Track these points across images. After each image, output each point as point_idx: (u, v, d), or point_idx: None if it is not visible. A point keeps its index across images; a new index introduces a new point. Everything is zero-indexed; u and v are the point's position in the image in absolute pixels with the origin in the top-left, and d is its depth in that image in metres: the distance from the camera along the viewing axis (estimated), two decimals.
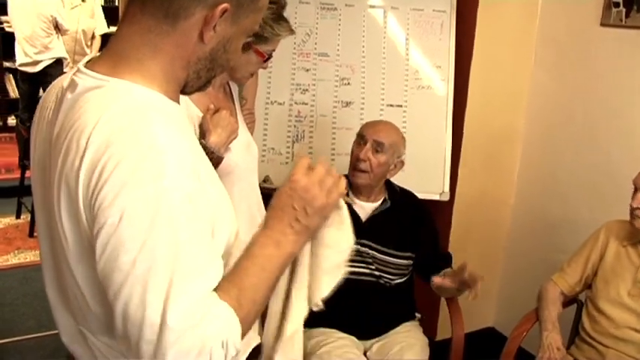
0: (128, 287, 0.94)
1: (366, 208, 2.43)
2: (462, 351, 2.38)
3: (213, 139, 1.78)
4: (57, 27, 5.43)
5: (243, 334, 1.04)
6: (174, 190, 0.96)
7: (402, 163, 2.44)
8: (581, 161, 2.98)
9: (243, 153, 1.94)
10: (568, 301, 2.44)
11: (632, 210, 2.22)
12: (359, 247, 2.39)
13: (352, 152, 2.40)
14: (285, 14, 1.89)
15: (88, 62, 1.11)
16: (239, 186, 1.92)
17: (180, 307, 0.94)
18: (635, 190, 2.22)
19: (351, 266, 2.33)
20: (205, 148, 1.75)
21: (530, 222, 3.27)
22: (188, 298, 0.95)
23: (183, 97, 1.69)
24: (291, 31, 1.91)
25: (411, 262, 2.45)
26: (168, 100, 1.08)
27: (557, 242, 3.08)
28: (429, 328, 2.30)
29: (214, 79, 1.20)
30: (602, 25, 2.82)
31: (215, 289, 1.01)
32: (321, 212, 1.16)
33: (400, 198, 2.47)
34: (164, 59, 1.07)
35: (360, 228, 2.37)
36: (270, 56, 1.91)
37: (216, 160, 1.78)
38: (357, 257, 2.39)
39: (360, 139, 2.38)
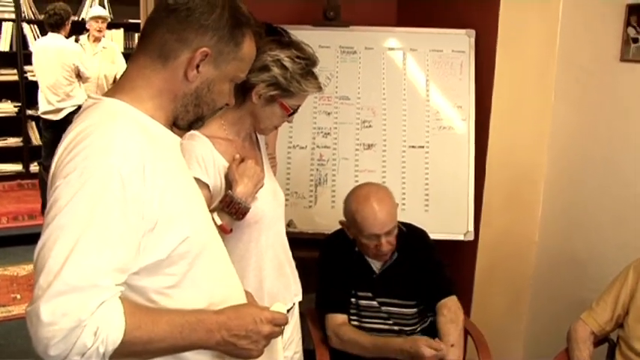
0: (46, 235, 1.11)
1: (376, 263, 2.42)
2: None
3: (240, 190, 1.79)
4: (78, 75, 5.54)
5: (122, 353, 1.13)
6: (111, 168, 1.13)
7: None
8: (606, 197, 2.96)
9: (270, 201, 1.95)
10: (599, 340, 2.39)
11: None
12: (374, 303, 2.39)
13: (366, 244, 2.32)
14: None
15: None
16: (266, 234, 1.94)
17: (76, 267, 1.08)
18: None
19: (370, 323, 2.36)
20: (232, 198, 1.77)
21: (555, 260, 3.23)
22: (86, 262, 1.09)
23: (209, 148, 1.75)
24: (319, 89, 1.92)
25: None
26: (149, 118, 1.27)
27: (585, 280, 3.04)
28: None
29: (205, 116, 1.39)
30: (622, 60, 2.82)
31: (125, 299, 1.15)
32: (242, 350, 1.32)
33: (407, 242, 2.42)
34: (154, 89, 1.29)
35: (373, 285, 2.39)
36: (295, 111, 1.92)
37: (243, 210, 1.80)
38: (374, 314, 2.40)
39: (375, 238, 2.28)
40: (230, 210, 1.78)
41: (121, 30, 6.78)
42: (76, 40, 5.91)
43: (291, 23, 2.38)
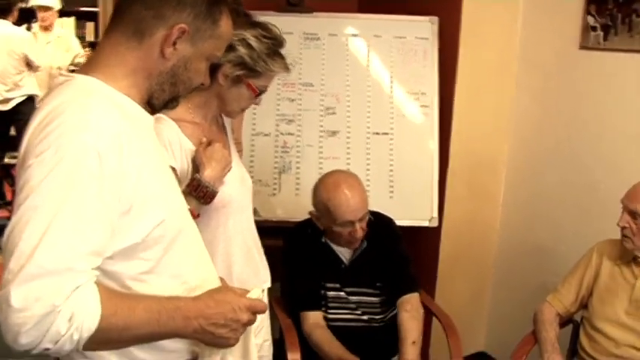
0: (17, 216, 1.05)
1: (345, 253, 2.40)
2: None
3: (208, 173, 1.75)
4: (28, 64, 5.37)
5: (96, 341, 1.08)
6: (87, 145, 1.08)
7: None
8: (566, 183, 3.01)
9: (238, 186, 1.92)
10: (564, 321, 2.43)
11: (621, 230, 2.23)
12: (342, 294, 2.37)
13: (338, 232, 2.29)
14: None
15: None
16: (234, 219, 1.90)
17: (51, 249, 1.03)
18: (624, 211, 2.23)
19: (338, 314, 2.35)
20: (200, 182, 1.73)
21: (517, 246, 3.27)
22: (60, 244, 1.04)
23: (176, 131, 1.70)
24: (287, 69, 1.88)
25: None
26: (124, 97, 1.23)
27: (546, 265, 3.09)
28: (421, 355, 2.28)
29: (180, 96, 1.35)
30: (582, 48, 2.87)
31: (100, 284, 1.10)
32: (220, 339, 1.27)
33: (375, 230, 2.39)
34: (128, 67, 1.24)
35: (341, 275, 2.37)
36: (262, 92, 1.88)
37: (211, 194, 1.75)
38: (342, 305, 2.37)
39: (349, 224, 2.26)
40: (197, 194, 1.73)
41: (73, 18, 6.60)
42: (28, 29, 5.72)
43: (254, 9, 2.34)
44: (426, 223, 2.96)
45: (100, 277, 1.13)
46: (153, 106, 1.32)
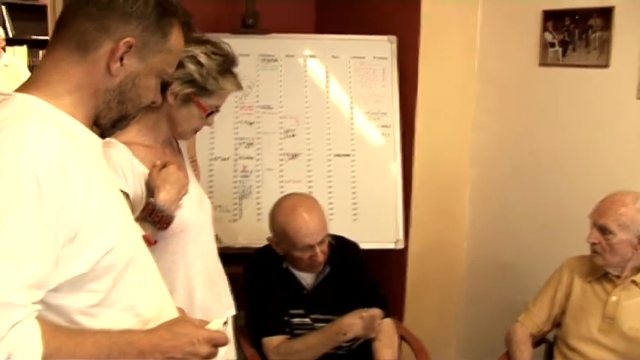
0: None
1: (307, 279, 2.32)
2: None
3: (162, 197, 1.65)
4: None
5: None
6: (25, 168, 0.99)
7: None
8: (531, 200, 2.98)
9: (196, 209, 1.82)
10: (537, 341, 2.37)
11: (591, 246, 2.19)
12: (307, 320, 2.28)
13: (299, 257, 2.21)
14: None
15: None
16: (193, 244, 1.80)
17: None
18: (592, 226, 2.20)
19: None
20: (155, 206, 1.63)
21: (485, 265, 3.22)
22: None
23: (127, 155, 1.60)
24: (239, 87, 1.80)
25: None
26: (67, 116, 1.13)
27: (515, 284, 3.04)
28: None
29: (129, 115, 1.26)
30: (541, 64, 2.86)
31: (43, 319, 1.00)
32: None
33: (338, 254, 2.32)
34: (71, 84, 1.14)
35: (305, 301, 2.28)
36: (212, 112, 1.79)
37: (167, 219, 1.66)
38: (308, 331, 2.28)
39: (309, 249, 2.18)
40: (153, 219, 1.63)
41: (25, 47, 6.44)
42: None
43: (208, 31, 2.26)
44: (391, 246, 2.89)
45: (44, 312, 1.03)
46: (100, 126, 1.23)
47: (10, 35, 6.08)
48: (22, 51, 6.42)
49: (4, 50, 5.80)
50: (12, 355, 0.93)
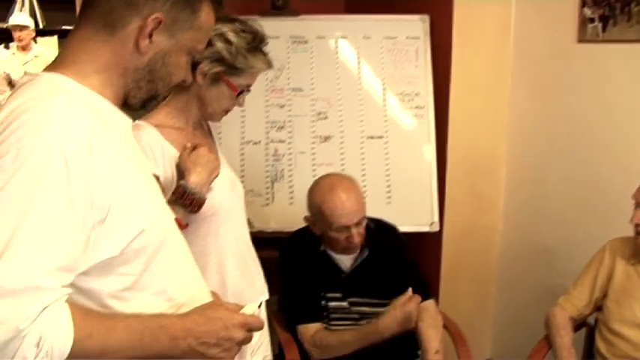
0: None
1: (345, 262, 2.28)
2: None
3: (194, 179, 1.63)
4: (11, 83, 5.24)
5: None
6: (53, 148, 0.96)
7: None
8: (569, 181, 2.90)
9: (228, 192, 1.80)
10: (577, 325, 2.31)
11: (635, 227, 2.12)
12: (344, 304, 2.25)
13: (335, 238, 2.18)
14: None
15: None
16: (225, 228, 1.78)
17: (12, 266, 0.90)
18: (636, 207, 2.12)
19: (341, 326, 2.22)
20: (186, 189, 1.61)
21: (521, 248, 3.15)
22: (24, 260, 0.91)
23: (157, 137, 1.58)
24: (269, 65, 1.77)
25: None
26: (97, 95, 1.10)
27: (552, 267, 2.97)
28: None
29: (160, 94, 1.23)
30: (580, 41, 2.77)
31: (73, 303, 0.97)
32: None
33: (377, 237, 2.29)
34: (99, 64, 1.12)
35: (342, 285, 2.25)
36: (243, 91, 1.76)
37: (198, 201, 1.64)
38: (344, 315, 2.26)
39: (345, 230, 2.15)
40: (184, 202, 1.61)
41: (55, 37, 6.47)
42: (7, 48, 5.59)
43: (238, 14, 2.23)
44: (426, 229, 2.84)
45: (75, 296, 1.01)
46: (130, 106, 1.20)
47: (41, 26, 6.11)
48: (52, 42, 6.44)
49: (35, 41, 5.84)
50: (43, 339, 0.91)
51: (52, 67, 1.13)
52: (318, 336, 2.18)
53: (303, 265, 2.26)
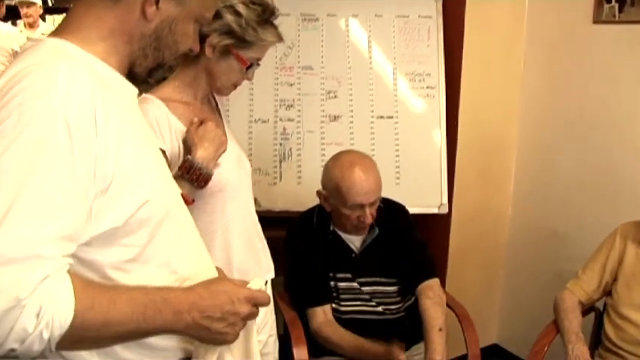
0: None
1: (355, 242, 2.26)
2: None
3: (200, 154, 1.61)
4: None
5: (72, 340, 0.93)
6: (55, 113, 0.93)
7: None
8: (581, 164, 2.86)
9: (235, 168, 1.77)
10: (585, 310, 2.28)
11: None
12: (354, 285, 2.22)
13: (346, 216, 2.16)
14: None
15: None
16: (232, 204, 1.75)
17: (12, 234, 0.88)
18: None
19: (351, 306, 2.20)
20: (192, 163, 1.59)
21: (530, 232, 3.13)
22: (24, 228, 0.89)
23: (164, 111, 1.55)
24: (279, 38, 1.74)
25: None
26: (101, 62, 1.08)
27: (562, 252, 2.94)
28: None
29: (166, 63, 1.20)
30: (595, 22, 2.72)
31: (75, 274, 0.95)
32: (216, 335, 1.12)
33: (386, 217, 2.26)
34: (105, 29, 1.09)
35: (352, 265, 2.22)
36: (252, 65, 1.73)
37: (204, 177, 1.61)
38: (354, 296, 2.23)
39: (358, 208, 2.12)
40: (190, 177, 1.59)
41: (64, 15, 6.45)
42: (14, 24, 5.57)
43: None
44: (435, 210, 2.82)
45: (77, 267, 0.98)
46: (135, 75, 1.17)
47: (50, 4, 6.07)
48: (61, 20, 6.44)
49: (44, 19, 5.81)
50: (43, 309, 0.88)
51: (55, 32, 1.10)
52: (324, 329, 2.15)
53: (312, 245, 2.23)
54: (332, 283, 2.21)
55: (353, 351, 2.12)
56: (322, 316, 2.17)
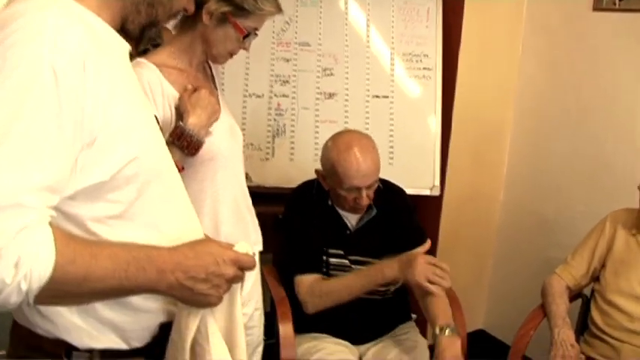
0: None
1: (351, 219, 2.23)
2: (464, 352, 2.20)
3: (192, 120, 1.60)
4: None
5: (51, 294, 0.91)
6: (42, 60, 0.90)
7: None
8: (574, 153, 2.86)
9: (227, 137, 1.76)
10: (573, 295, 2.29)
11: None
12: (345, 261, 2.21)
13: (343, 196, 2.12)
14: None
15: None
16: (222, 173, 1.74)
17: None
18: None
19: None
20: (184, 130, 1.58)
21: (521, 219, 3.13)
22: (5, 175, 0.86)
23: (157, 76, 1.53)
24: (278, 9, 1.72)
25: None
26: (93, 15, 1.04)
27: (551, 238, 2.94)
28: (423, 329, 2.13)
29: (160, 21, 1.17)
30: (595, 9, 2.70)
31: (57, 226, 0.92)
32: (199, 296, 1.09)
33: (384, 198, 2.24)
34: None
35: (346, 242, 2.20)
36: (249, 34, 1.71)
37: (196, 144, 1.60)
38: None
39: (355, 190, 2.08)
40: (181, 143, 1.58)
41: None
42: None
43: None
44: (427, 192, 2.81)
45: (59, 221, 0.96)
46: (128, 32, 1.13)
47: None
48: None
49: None
50: (21, 260, 0.86)
51: None
52: (317, 284, 2.11)
53: (309, 217, 2.20)
54: (324, 257, 2.20)
55: (357, 280, 2.08)
56: (312, 280, 2.13)
